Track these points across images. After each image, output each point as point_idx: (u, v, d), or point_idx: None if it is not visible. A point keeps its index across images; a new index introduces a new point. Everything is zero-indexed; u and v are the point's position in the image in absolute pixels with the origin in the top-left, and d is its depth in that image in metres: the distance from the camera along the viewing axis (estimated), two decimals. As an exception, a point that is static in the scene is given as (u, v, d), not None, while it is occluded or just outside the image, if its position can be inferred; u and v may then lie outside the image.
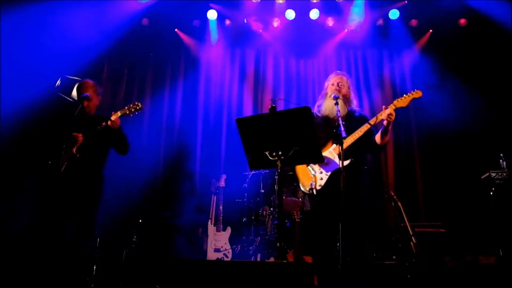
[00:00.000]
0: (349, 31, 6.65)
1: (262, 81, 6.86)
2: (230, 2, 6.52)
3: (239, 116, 4.68)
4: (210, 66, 6.81)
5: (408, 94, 3.82)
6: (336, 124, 3.55)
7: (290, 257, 4.65)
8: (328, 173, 3.79)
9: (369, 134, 3.85)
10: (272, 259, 4.97)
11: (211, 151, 6.55)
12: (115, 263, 4.89)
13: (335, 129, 3.54)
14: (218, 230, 5.36)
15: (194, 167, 6.39)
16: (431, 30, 6.56)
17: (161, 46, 6.74)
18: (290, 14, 6.49)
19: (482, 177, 4.74)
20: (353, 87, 4.26)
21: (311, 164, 3.83)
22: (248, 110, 6.68)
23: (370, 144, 3.91)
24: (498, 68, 6.13)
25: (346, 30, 6.66)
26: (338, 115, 3.60)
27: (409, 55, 6.64)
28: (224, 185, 5.59)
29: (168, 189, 6.25)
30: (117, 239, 5.23)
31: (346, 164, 3.60)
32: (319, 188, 3.78)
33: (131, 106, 3.92)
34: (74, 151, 3.72)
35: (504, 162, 4.63)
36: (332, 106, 3.79)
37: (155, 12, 6.39)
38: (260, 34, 6.75)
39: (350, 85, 4.15)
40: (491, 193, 4.55)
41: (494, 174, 4.56)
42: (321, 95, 4.20)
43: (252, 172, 5.54)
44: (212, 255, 5.22)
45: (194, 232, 5.59)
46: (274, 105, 3.07)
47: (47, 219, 3.67)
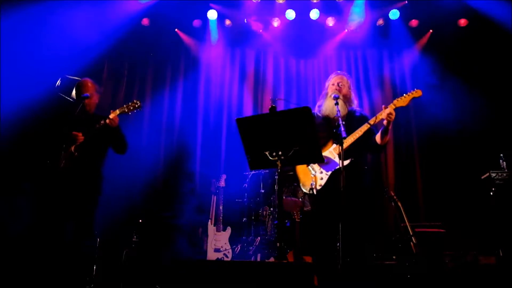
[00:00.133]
0: (349, 31, 6.64)
1: (262, 81, 6.86)
2: (230, 2, 6.52)
3: (239, 116, 4.68)
4: (210, 66, 6.80)
5: (408, 94, 3.82)
6: (336, 124, 3.55)
7: (290, 257, 4.66)
8: (328, 172, 3.79)
9: (369, 134, 3.84)
10: (272, 259, 4.97)
11: (211, 151, 6.54)
12: (115, 263, 4.90)
13: (335, 129, 3.54)
14: (218, 230, 5.36)
15: (194, 167, 6.39)
16: (431, 30, 6.56)
17: (161, 46, 6.73)
18: (290, 14, 6.49)
19: (482, 177, 4.75)
20: (353, 87, 4.27)
21: (311, 164, 3.84)
22: (248, 110, 6.68)
23: (370, 144, 3.91)
24: (498, 68, 6.13)
25: (346, 30, 6.65)
26: (338, 115, 3.61)
27: (409, 55, 6.64)
28: (224, 185, 5.58)
29: (168, 189, 6.25)
30: (117, 239, 5.23)
31: (346, 164, 3.60)
32: (319, 188, 3.78)
33: (130, 104, 3.91)
34: (73, 149, 3.71)
35: (504, 162, 4.64)
36: (332, 106, 3.79)
37: (155, 12, 6.39)
38: (260, 34, 6.75)
39: (350, 85, 4.15)
40: (491, 193, 4.56)
41: (494, 174, 4.57)
42: (321, 95, 4.20)
43: (252, 172, 5.54)
44: (212, 255, 5.22)
45: (194, 232, 5.59)
46: (274, 105, 3.07)
47: (46, 218, 3.67)
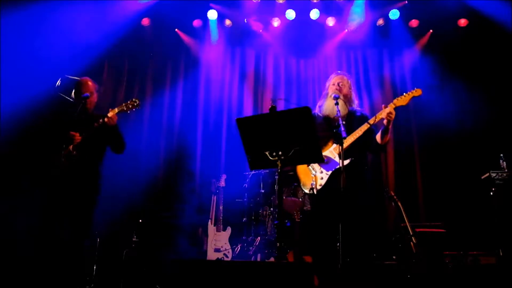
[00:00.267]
0: (349, 31, 6.64)
1: (262, 81, 6.86)
2: (230, 2, 6.51)
3: (239, 116, 4.68)
4: (210, 66, 6.80)
5: (408, 93, 3.82)
6: (336, 124, 3.55)
7: (290, 257, 4.65)
8: (328, 172, 3.79)
9: (369, 133, 3.84)
10: (272, 259, 4.97)
11: (211, 151, 6.54)
12: (115, 263, 4.90)
13: (335, 129, 3.54)
14: (218, 230, 5.36)
15: (194, 167, 6.38)
16: (431, 30, 6.55)
17: (161, 46, 6.73)
18: (290, 14, 6.49)
19: (482, 177, 4.74)
20: (354, 87, 4.27)
21: (311, 164, 3.84)
22: (248, 110, 6.68)
23: (371, 144, 3.91)
24: (498, 68, 6.13)
25: (347, 30, 6.65)
26: (339, 115, 3.61)
27: (409, 55, 6.63)
28: (224, 185, 5.58)
29: (168, 189, 6.25)
30: (117, 239, 5.23)
31: (346, 164, 3.60)
32: (319, 188, 3.78)
33: (128, 102, 3.91)
34: (71, 149, 3.71)
35: (504, 163, 4.63)
36: (333, 106, 3.79)
37: (155, 12, 6.39)
38: (260, 34, 6.74)
39: (351, 85, 4.15)
40: (491, 193, 4.56)
41: (494, 175, 4.56)
42: (322, 95, 4.21)
43: (252, 172, 5.54)
44: (212, 255, 5.21)
45: (194, 232, 5.59)
46: (274, 105, 3.05)
47: (46, 218, 3.66)
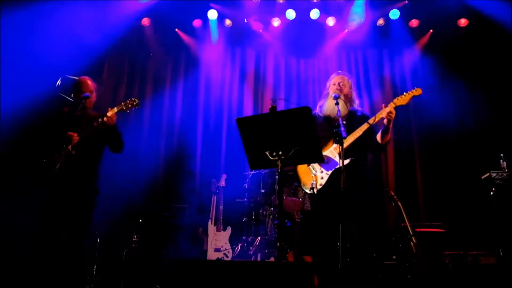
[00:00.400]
0: (349, 31, 6.64)
1: (263, 81, 6.86)
2: (230, 2, 6.51)
3: (240, 116, 4.68)
4: (210, 66, 6.79)
5: (408, 92, 3.83)
6: (336, 124, 3.56)
7: (290, 257, 4.65)
8: (328, 172, 3.80)
9: (370, 133, 3.85)
10: (272, 259, 4.97)
11: (211, 151, 6.54)
12: (115, 263, 4.90)
13: (335, 128, 3.55)
14: (218, 230, 5.36)
15: (194, 167, 6.38)
16: (431, 30, 6.55)
17: (161, 46, 6.72)
18: (291, 14, 6.49)
19: (483, 177, 4.74)
20: (354, 86, 4.27)
21: (312, 163, 3.84)
22: (248, 110, 6.68)
23: (371, 143, 3.92)
24: (499, 68, 6.12)
25: (347, 30, 6.65)
26: (339, 114, 3.62)
27: (409, 55, 6.62)
28: (224, 185, 5.58)
29: (169, 189, 6.25)
30: (117, 239, 5.23)
31: (346, 164, 3.60)
32: (319, 188, 3.78)
33: (128, 102, 3.90)
34: (70, 148, 3.70)
35: (505, 163, 4.63)
36: (333, 106, 3.80)
37: (155, 12, 6.39)
38: (260, 34, 6.74)
39: (351, 84, 4.16)
40: (492, 193, 4.56)
41: (494, 174, 4.56)
42: (323, 95, 4.22)
43: (252, 172, 5.53)
44: (212, 255, 5.21)
45: (194, 232, 5.59)
46: (274, 105, 3.05)
47: (44, 218, 3.65)
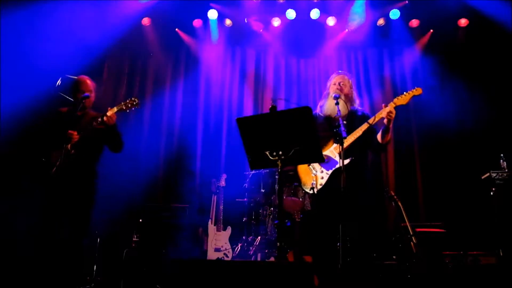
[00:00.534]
0: (349, 31, 6.64)
1: (263, 80, 6.85)
2: (230, 2, 6.51)
3: (240, 115, 4.69)
4: (210, 65, 6.79)
5: (408, 92, 3.83)
6: (337, 124, 3.56)
7: (290, 257, 4.65)
8: (329, 172, 3.80)
9: (370, 133, 3.85)
10: (272, 259, 4.97)
11: (211, 151, 6.54)
12: (116, 262, 4.90)
13: (335, 128, 3.55)
14: (218, 230, 5.36)
15: (194, 166, 6.38)
16: (431, 30, 6.55)
17: (161, 45, 6.72)
18: (291, 14, 6.49)
19: (483, 177, 4.74)
20: (355, 86, 4.27)
21: (312, 163, 3.84)
22: (248, 110, 6.68)
23: (372, 143, 3.92)
24: (499, 68, 6.12)
25: (347, 30, 6.65)
26: (339, 114, 3.62)
27: (409, 55, 6.62)
28: (224, 184, 5.58)
29: (169, 189, 6.25)
30: (117, 239, 5.23)
31: (346, 163, 3.60)
32: (320, 187, 3.78)
33: (127, 101, 3.90)
34: (69, 147, 3.70)
35: (505, 163, 4.63)
36: (334, 106, 3.80)
37: (155, 11, 6.39)
38: (260, 33, 6.74)
39: (352, 84, 4.16)
40: (492, 193, 4.55)
41: (494, 174, 4.56)
42: (323, 95, 4.23)
43: (253, 171, 5.54)
44: (212, 255, 5.21)
45: (194, 232, 5.59)
46: (274, 105, 3.05)
47: (44, 217, 3.65)
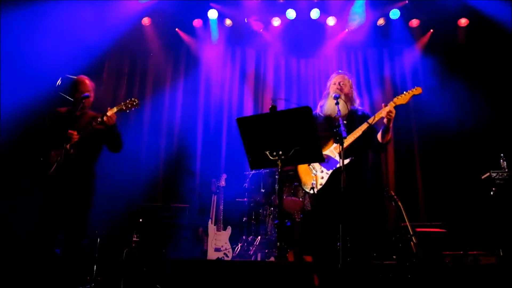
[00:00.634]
0: (350, 31, 6.64)
1: (263, 80, 6.86)
2: (230, 2, 6.52)
3: (240, 115, 4.66)
4: (210, 65, 6.80)
5: (408, 91, 3.83)
6: (336, 124, 3.56)
7: (290, 257, 4.65)
8: (329, 171, 3.80)
9: (370, 132, 3.84)
10: (272, 258, 4.97)
11: (211, 151, 6.54)
12: (116, 262, 4.90)
13: (335, 128, 3.55)
14: (218, 230, 5.36)
15: (194, 166, 6.39)
16: (431, 30, 6.55)
17: (161, 45, 6.73)
18: (291, 14, 6.49)
19: (483, 177, 4.74)
20: (355, 86, 4.27)
21: (312, 163, 3.84)
22: (248, 110, 6.68)
23: (372, 143, 3.92)
24: (499, 68, 6.12)
25: (347, 30, 6.65)
26: (339, 114, 3.62)
27: (409, 55, 6.63)
28: (224, 184, 5.58)
29: (169, 189, 6.25)
30: (117, 239, 5.23)
31: (346, 163, 3.60)
32: (320, 187, 3.78)
33: (127, 102, 3.90)
34: (68, 147, 3.70)
35: (505, 162, 4.63)
36: (334, 106, 3.80)
37: (155, 11, 6.39)
38: (260, 33, 6.74)
39: (352, 84, 4.16)
40: (492, 193, 4.55)
41: (494, 174, 4.56)
42: (323, 95, 4.22)
43: (253, 171, 5.54)
44: (212, 255, 5.22)
45: (194, 232, 5.59)
46: (274, 104, 3.05)
47: (43, 217, 3.65)
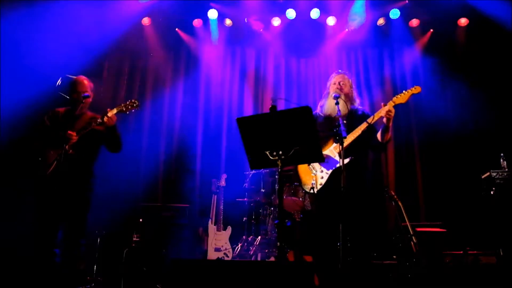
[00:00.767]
0: (350, 30, 6.64)
1: (263, 80, 6.86)
2: (230, 2, 6.51)
3: (240, 115, 4.66)
4: (210, 65, 6.80)
5: (407, 90, 3.82)
6: (336, 124, 3.56)
7: (291, 256, 4.65)
8: (328, 171, 3.80)
9: (370, 132, 3.84)
10: (272, 259, 4.97)
11: (211, 151, 6.54)
12: (116, 262, 4.90)
13: (335, 128, 3.55)
14: (218, 230, 5.36)
15: (194, 166, 6.39)
16: (432, 30, 6.55)
17: (161, 45, 6.73)
18: (291, 14, 6.49)
19: (483, 176, 4.74)
20: (355, 86, 4.27)
21: (312, 163, 3.84)
22: (248, 110, 6.68)
23: (372, 142, 3.92)
24: (499, 67, 6.12)
25: (347, 30, 6.65)
26: (339, 114, 3.62)
27: (409, 54, 6.62)
28: (224, 184, 5.58)
29: (169, 188, 6.25)
30: (117, 238, 5.23)
31: (346, 163, 3.60)
32: (319, 187, 3.78)
33: (127, 103, 3.90)
34: (67, 148, 3.70)
35: (505, 162, 4.63)
36: (334, 106, 3.80)
37: (155, 11, 6.40)
38: (260, 33, 6.74)
39: (352, 84, 4.16)
40: (492, 192, 4.55)
41: (494, 174, 4.56)
42: (323, 94, 4.22)
43: (253, 171, 5.54)
44: (212, 255, 5.22)
45: (194, 232, 5.59)
46: (274, 104, 3.04)
47: (42, 217, 3.65)
